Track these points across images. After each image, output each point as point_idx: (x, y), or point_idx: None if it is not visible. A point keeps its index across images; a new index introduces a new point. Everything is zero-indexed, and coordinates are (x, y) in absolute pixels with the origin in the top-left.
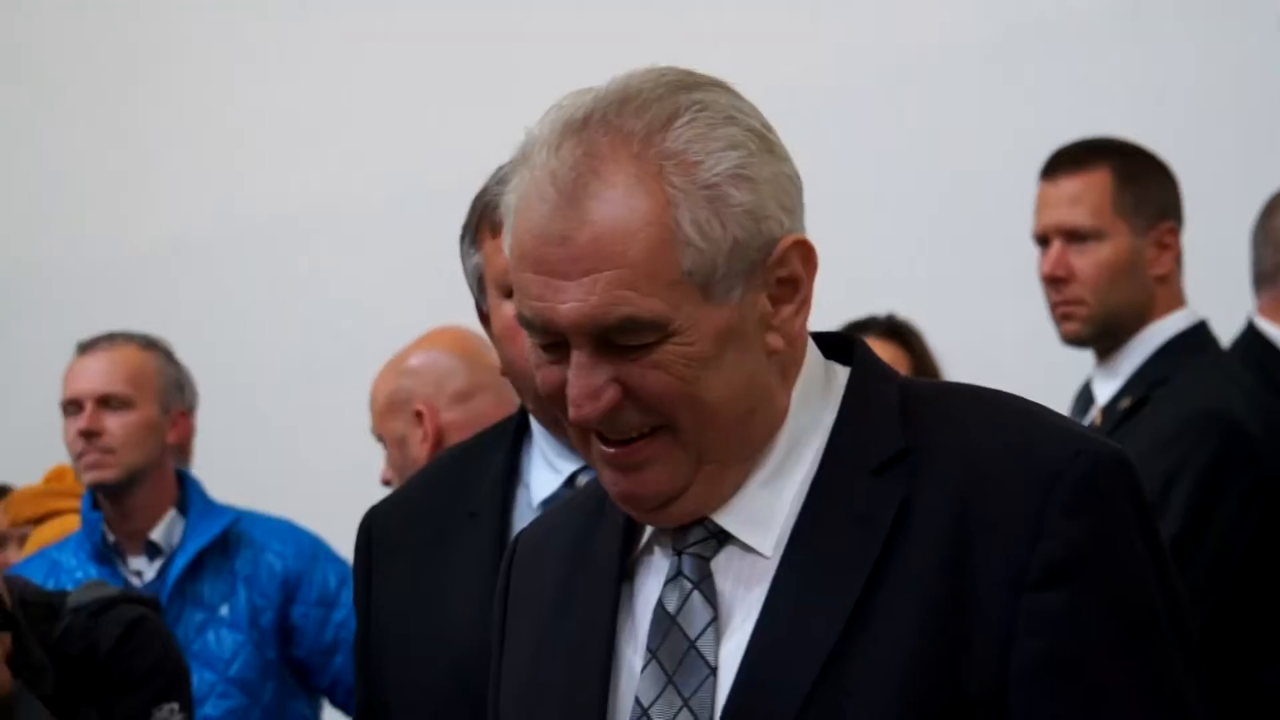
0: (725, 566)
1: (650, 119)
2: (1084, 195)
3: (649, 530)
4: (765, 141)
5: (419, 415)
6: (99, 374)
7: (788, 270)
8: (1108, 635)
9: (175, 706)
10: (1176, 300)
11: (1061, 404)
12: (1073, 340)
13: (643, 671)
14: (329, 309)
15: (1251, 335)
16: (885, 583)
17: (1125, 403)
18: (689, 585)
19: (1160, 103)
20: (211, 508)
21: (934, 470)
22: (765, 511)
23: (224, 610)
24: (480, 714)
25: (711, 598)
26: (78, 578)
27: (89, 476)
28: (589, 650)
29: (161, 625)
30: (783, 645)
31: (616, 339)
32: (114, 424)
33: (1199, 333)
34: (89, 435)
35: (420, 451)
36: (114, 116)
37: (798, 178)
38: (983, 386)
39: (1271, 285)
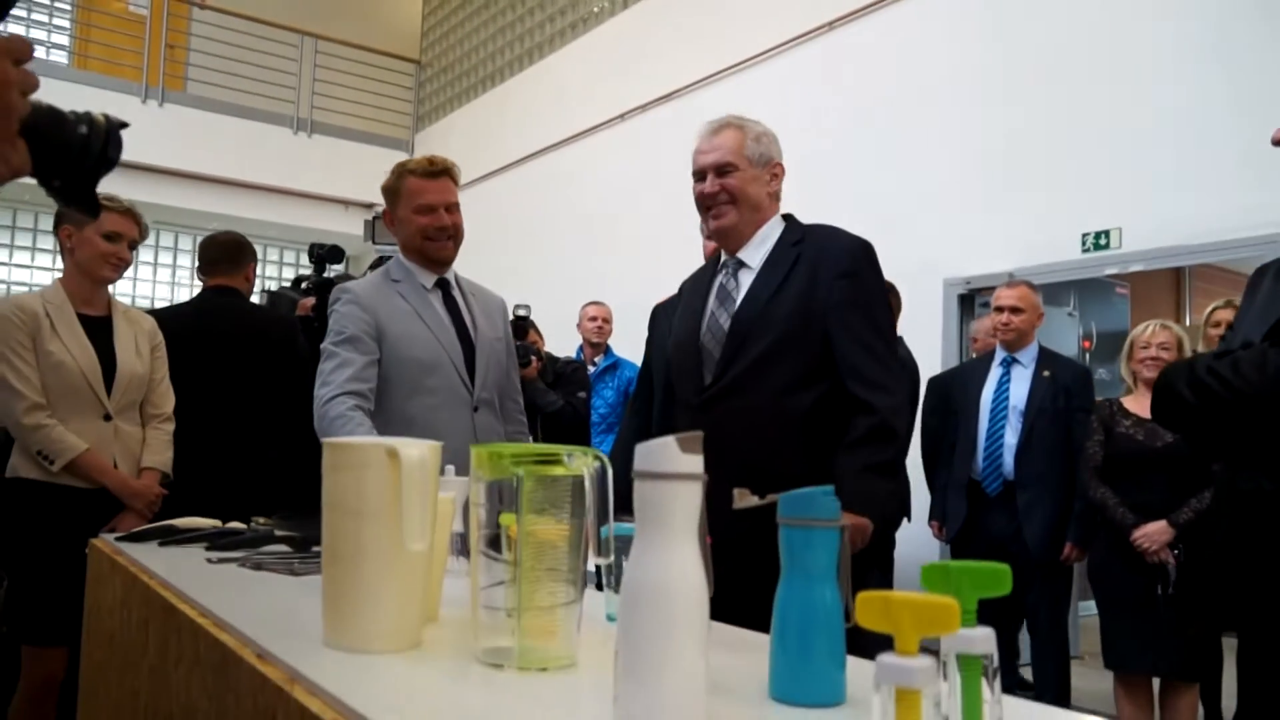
0: (745, 274)
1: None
2: None
3: (723, 260)
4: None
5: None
6: None
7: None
8: (861, 301)
9: (584, 395)
10: None
11: None
12: None
13: (715, 298)
14: None
15: None
16: (789, 282)
17: None
18: (732, 274)
19: None
20: (613, 357)
21: (808, 247)
22: (757, 254)
23: (610, 384)
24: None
25: (740, 281)
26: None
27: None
28: (701, 293)
29: (587, 376)
30: (755, 295)
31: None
32: None
33: None
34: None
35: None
36: None
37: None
38: (829, 226)
39: None
